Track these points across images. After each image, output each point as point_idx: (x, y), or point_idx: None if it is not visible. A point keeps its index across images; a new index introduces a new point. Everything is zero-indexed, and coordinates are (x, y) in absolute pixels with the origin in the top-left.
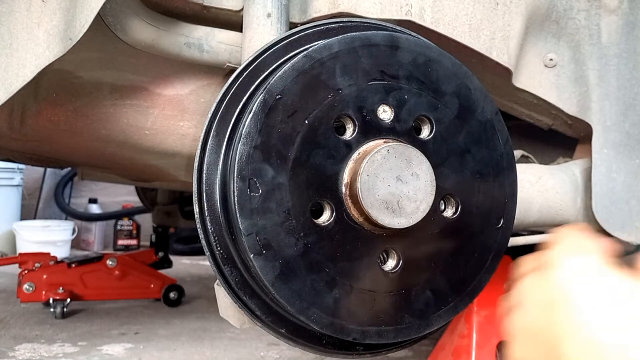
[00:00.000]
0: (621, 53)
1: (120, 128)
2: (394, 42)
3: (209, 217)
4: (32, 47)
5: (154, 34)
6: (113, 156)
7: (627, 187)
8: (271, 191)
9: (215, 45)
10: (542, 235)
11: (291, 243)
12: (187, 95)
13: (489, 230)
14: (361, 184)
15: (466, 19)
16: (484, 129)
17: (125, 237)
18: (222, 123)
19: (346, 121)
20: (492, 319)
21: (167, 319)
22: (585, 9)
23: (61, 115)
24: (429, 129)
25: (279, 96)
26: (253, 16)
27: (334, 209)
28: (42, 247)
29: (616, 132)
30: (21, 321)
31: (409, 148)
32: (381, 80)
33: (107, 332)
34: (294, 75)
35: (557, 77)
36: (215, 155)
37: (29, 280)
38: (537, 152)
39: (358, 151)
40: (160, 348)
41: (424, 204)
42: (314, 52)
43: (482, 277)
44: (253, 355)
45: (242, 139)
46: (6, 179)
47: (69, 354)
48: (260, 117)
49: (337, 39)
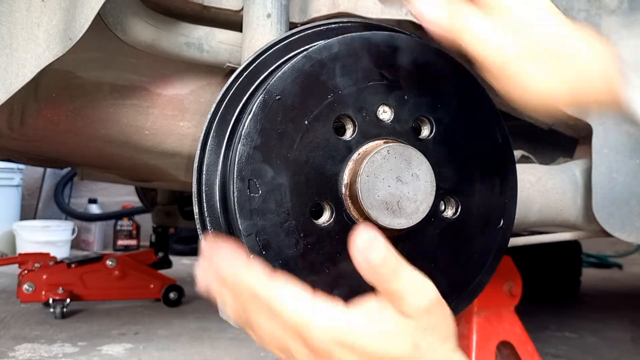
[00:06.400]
0: None
1: (120, 128)
2: (394, 43)
3: (208, 218)
4: (32, 47)
5: (154, 34)
6: (113, 156)
7: (627, 187)
8: (271, 192)
9: (215, 45)
10: (542, 235)
11: (291, 244)
12: (187, 95)
13: (489, 230)
14: (361, 184)
15: None
16: (484, 129)
17: (125, 237)
18: (221, 123)
19: (346, 122)
20: (492, 319)
21: (167, 319)
22: (586, 9)
23: (61, 115)
24: (429, 130)
25: (278, 97)
26: (253, 16)
27: (333, 210)
28: (42, 247)
29: (616, 132)
30: (21, 321)
31: (408, 148)
32: (381, 81)
33: (107, 332)
34: (294, 75)
35: None
36: (215, 156)
37: (29, 281)
38: (537, 152)
39: (358, 152)
40: (160, 348)
41: (424, 204)
42: (314, 53)
43: (482, 277)
44: (253, 356)
45: (241, 139)
46: (6, 179)
47: (69, 354)
48: (260, 118)
49: (337, 39)
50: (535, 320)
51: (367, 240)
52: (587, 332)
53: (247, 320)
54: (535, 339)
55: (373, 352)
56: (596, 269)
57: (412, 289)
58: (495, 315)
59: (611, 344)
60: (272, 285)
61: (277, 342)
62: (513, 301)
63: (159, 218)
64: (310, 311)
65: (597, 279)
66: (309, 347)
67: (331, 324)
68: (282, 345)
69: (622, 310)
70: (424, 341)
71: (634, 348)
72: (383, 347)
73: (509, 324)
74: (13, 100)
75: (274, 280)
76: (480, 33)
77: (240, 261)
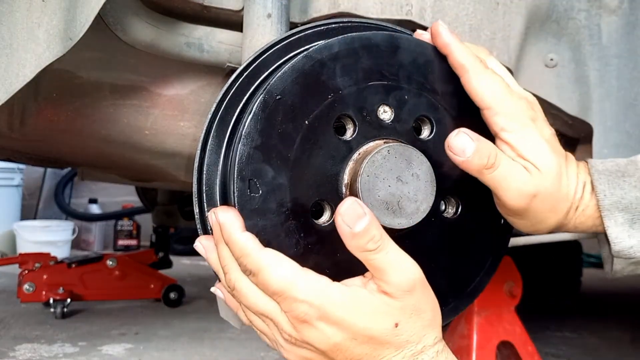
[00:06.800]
0: (621, 53)
1: (120, 128)
2: (395, 43)
3: (209, 218)
4: (32, 47)
5: (154, 34)
6: (113, 156)
7: None
8: (271, 192)
9: (215, 45)
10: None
11: (291, 244)
12: (187, 95)
13: (490, 230)
14: (361, 184)
15: (466, 18)
16: (484, 128)
17: (125, 237)
18: (222, 123)
19: (346, 121)
20: (492, 319)
21: (167, 319)
22: (586, 9)
23: (61, 115)
24: (429, 129)
25: (279, 97)
26: (253, 16)
27: (334, 210)
28: (42, 247)
29: (616, 133)
30: (21, 321)
31: (409, 148)
32: (381, 81)
33: (107, 333)
34: (294, 75)
35: (558, 77)
36: (215, 156)
37: (29, 281)
38: None
39: (358, 151)
40: (160, 348)
41: (425, 204)
42: (314, 53)
43: (482, 277)
44: (253, 356)
45: (242, 139)
46: (6, 179)
47: (69, 354)
48: (261, 118)
49: (337, 39)
50: (535, 320)
51: (351, 209)
52: (587, 332)
53: (233, 287)
54: (535, 339)
55: (351, 326)
56: (596, 269)
57: (395, 265)
58: (495, 315)
59: (611, 344)
60: (263, 249)
61: (258, 308)
62: (513, 301)
63: (159, 218)
64: (295, 275)
65: (597, 279)
66: (289, 313)
67: (313, 290)
68: (263, 312)
69: (622, 310)
70: (406, 323)
71: (634, 348)
72: (362, 322)
73: (509, 324)
74: (13, 100)
75: (265, 249)
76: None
77: (239, 225)
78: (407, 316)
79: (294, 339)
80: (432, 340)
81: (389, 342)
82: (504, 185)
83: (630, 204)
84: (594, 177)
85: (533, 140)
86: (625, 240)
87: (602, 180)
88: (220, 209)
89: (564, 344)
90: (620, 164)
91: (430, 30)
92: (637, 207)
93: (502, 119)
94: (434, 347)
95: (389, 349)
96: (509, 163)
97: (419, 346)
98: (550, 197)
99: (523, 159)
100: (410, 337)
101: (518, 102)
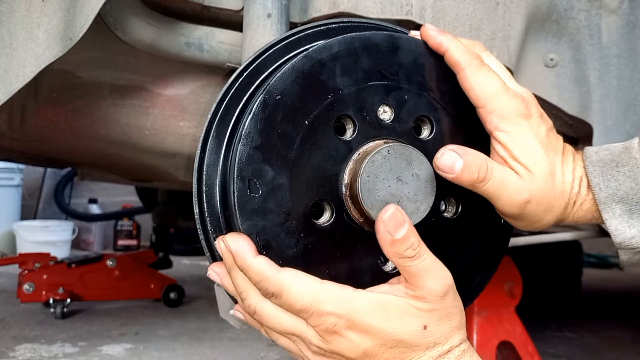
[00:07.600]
0: (621, 53)
1: (120, 128)
2: (394, 43)
3: (209, 218)
4: (32, 47)
5: (154, 34)
6: (113, 156)
7: None
8: (271, 192)
9: (215, 45)
10: (542, 235)
11: (291, 244)
12: (187, 95)
13: (490, 230)
14: (361, 184)
15: (467, 18)
16: (484, 129)
17: (125, 238)
18: (222, 123)
19: (346, 121)
20: (492, 319)
21: (167, 319)
22: (586, 9)
23: (61, 115)
24: (429, 129)
25: (278, 97)
26: (253, 16)
27: (334, 210)
28: (42, 247)
29: (616, 132)
30: (21, 321)
31: (409, 148)
32: (381, 81)
33: (107, 333)
34: (294, 75)
35: (558, 77)
36: (215, 156)
37: (29, 281)
38: None
39: (358, 151)
40: (160, 348)
41: (425, 204)
42: (314, 53)
43: (482, 277)
44: (253, 356)
45: (242, 139)
46: (6, 179)
47: (69, 354)
48: (260, 118)
49: (337, 39)
50: (535, 320)
51: (393, 216)
52: (587, 332)
53: (254, 311)
54: (535, 339)
55: (380, 332)
56: (596, 269)
57: (431, 271)
58: (495, 315)
59: (611, 344)
60: (281, 270)
61: (283, 328)
62: (513, 301)
63: (159, 218)
64: (318, 290)
65: (597, 279)
66: (317, 327)
67: (339, 301)
68: (289, 330)
69: (622, 310)
70: (435, 325)
71: (634, 348)
72: (391, 326)
73: (509, 324)
74: (13, 100)
75: (282, 269)
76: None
77: (251, 250)
78: (437, 319)
79: (323, 350)
80: (458, 341)
81: (418, 344)
82: (497, 196)
83: (627, 195)
84: (588, 170)
85: (526, 141)
86: (626, 231)
87: (596, 173)
88: (229, 236)
89: (564, 344)
90: (615, 152)
91: (420, 36)
92: (633, 197)
93: (496, 118)
94: (460, 346)
95: (417, 351)
96: (500, 172)
97: (446, 346)
98: (545, 198)
99: (515, 160)
100: (437, 338)
101: (512, 101)
